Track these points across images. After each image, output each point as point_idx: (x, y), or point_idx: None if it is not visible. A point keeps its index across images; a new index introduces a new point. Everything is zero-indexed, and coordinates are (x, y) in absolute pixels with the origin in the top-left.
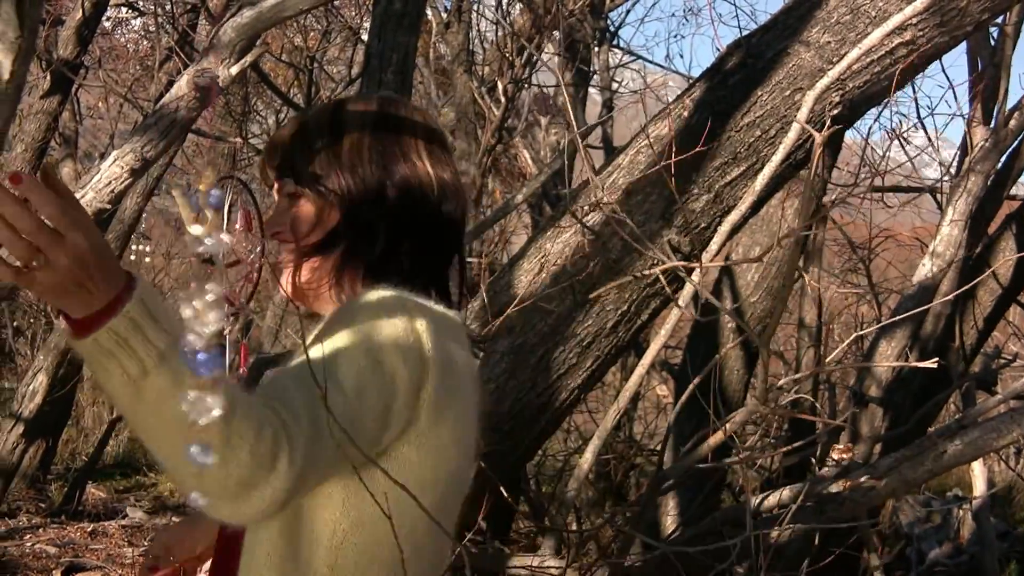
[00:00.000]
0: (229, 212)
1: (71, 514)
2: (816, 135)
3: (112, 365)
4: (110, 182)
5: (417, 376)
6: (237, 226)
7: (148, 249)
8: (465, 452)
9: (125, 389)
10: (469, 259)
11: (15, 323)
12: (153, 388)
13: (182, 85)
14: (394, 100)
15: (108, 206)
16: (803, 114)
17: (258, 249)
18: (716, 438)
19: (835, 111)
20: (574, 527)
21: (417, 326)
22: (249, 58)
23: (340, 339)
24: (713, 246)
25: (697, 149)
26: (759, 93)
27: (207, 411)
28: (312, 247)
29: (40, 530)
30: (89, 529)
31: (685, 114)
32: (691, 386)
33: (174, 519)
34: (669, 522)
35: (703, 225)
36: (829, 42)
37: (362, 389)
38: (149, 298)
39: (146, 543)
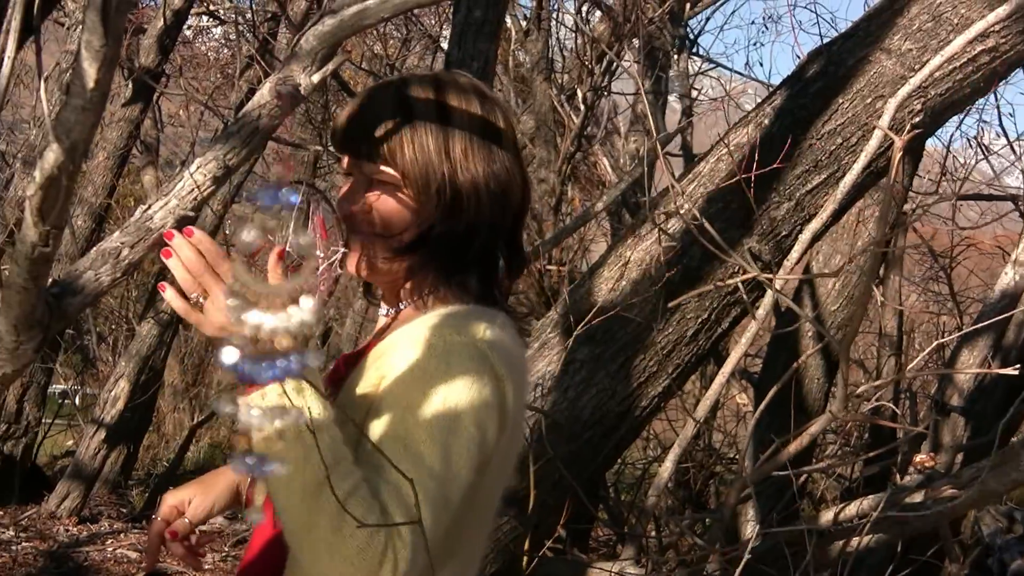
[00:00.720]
0: (305, 218)
1: (152, 519)
2: (897, 140)
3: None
4: (193, 189)
5: (501, 432)
6: (314, 232)
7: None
8: (509, 468)
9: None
10: (548, 267)
11: (97, 329)
12: (299, 446)
13: (264, 93)
14: (488, 94)
15: (191, 213)
16: (885, 121)
17: (337, 256)
18: (796, 446)
19: (916, 119)
20: (653, 535)
21: (504, 386)
22: (331, 66)
23: (443, 391)
24: (794, 254)
25: (778, 159)
26: (840, 101)
27: (272, 420)
28: (405, 246)
29: (121, 535)
30: None
31: (766, 122)
32: (770, 394)
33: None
34: (748, 530)
35: (784, 233)
36: (911, 49)
37: (471, 461)
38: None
39: (221, 542)
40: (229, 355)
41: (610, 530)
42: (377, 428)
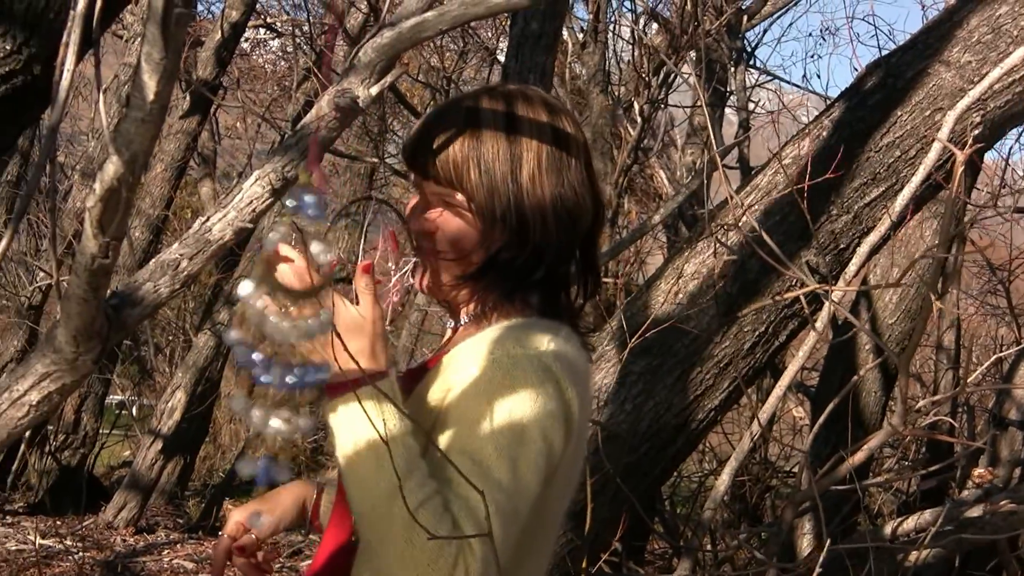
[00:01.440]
0: (366, 232)
1: (208, 530)
2: (958, 153)
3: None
4: (251, 201)
5: (566, 443)
6: (379, 246)
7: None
8: (575, 479)
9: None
10: (605, 279)
11: (155, 341)
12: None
13: (322, 105)
14: (559, 109)
15: (250, 225)
16: (944, 134)
17: (407, 269)
18: (854, 460)
19: (976, 131)
20: (709, 548)
21: (568, 397)
22: (389, 78)
23: (508, 403)
24: (852, 267)
25: (836, 171)
26: (899, 113)
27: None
28: (471, 272)
29: (178, 545)
30: None
31: (824, 134)
32: (828, 409)
33: (311, 535)
34: (805, 544)
35: (842, 246)
36: (970, 62)
37: (538, 472)
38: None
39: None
40: (254, 360)
41: (666, 543)
42: (443, 442)
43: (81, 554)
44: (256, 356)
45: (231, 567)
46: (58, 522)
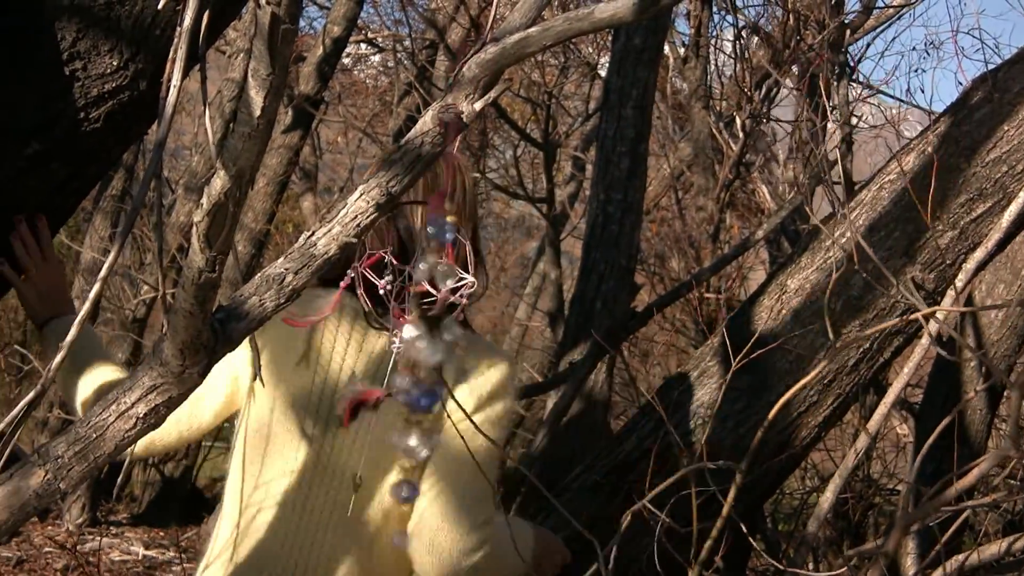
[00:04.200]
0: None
1: None
2: None
3: None
4: (356, 216)
5: None
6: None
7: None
8: None
9: None
10: (707, 295)
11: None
12: None
13: (427, 120)
14: None
15: (354, 240)
16: None
17: (465, 284)
18: (964, 483)
19: None
20: (811, 566)
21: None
22: (493, 94)
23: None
24: (958, 284)
25: (942, 187)
26: (1005, 128)
27: (420, 451)
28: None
29: None
30: None
31: (929, 149)
32: (937, 431)
33: None
34: (908, 563)
35: (948, 262)
36: None
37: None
38: None
39: None
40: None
41: (767, 561)
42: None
43: (184, 565)
44: (418, 387)
45: None
46: (161, 533)
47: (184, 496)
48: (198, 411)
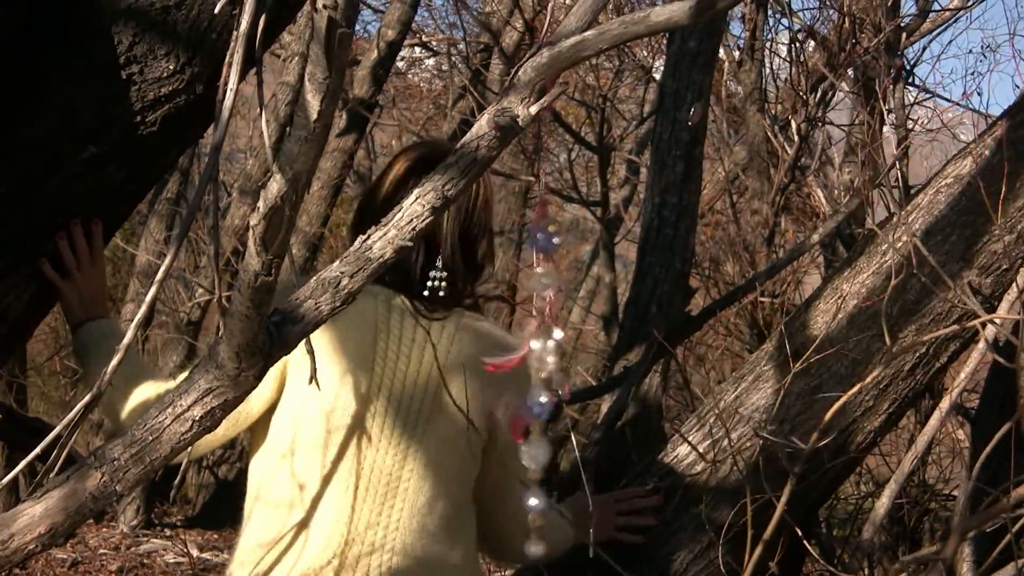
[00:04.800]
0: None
1: None
2: None
3: None
4: (412, 220)
5: None
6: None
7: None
8: None
9: None
10: (762, 299)
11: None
12: None
13: (482, 124)
14: None
15: (409, 243)
16: None
17: (558, 288)
18: (1021, 492)
19: None
20: (866, 571)
21: None
22: (548, 98)
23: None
24: (1016, 288)
25: (1000, 191)
26: None
27: (542, 458)
28: None
29: None
30: None
31: (986, 153)
32: (996, 437)
33: None
34: (964, 569)
35: (1004, 267)
36: None
37: None
38: None
39: None
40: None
41: (823, 566)
42: None
43: None
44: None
45: None
46: (215, 535)
47: (238, 498)
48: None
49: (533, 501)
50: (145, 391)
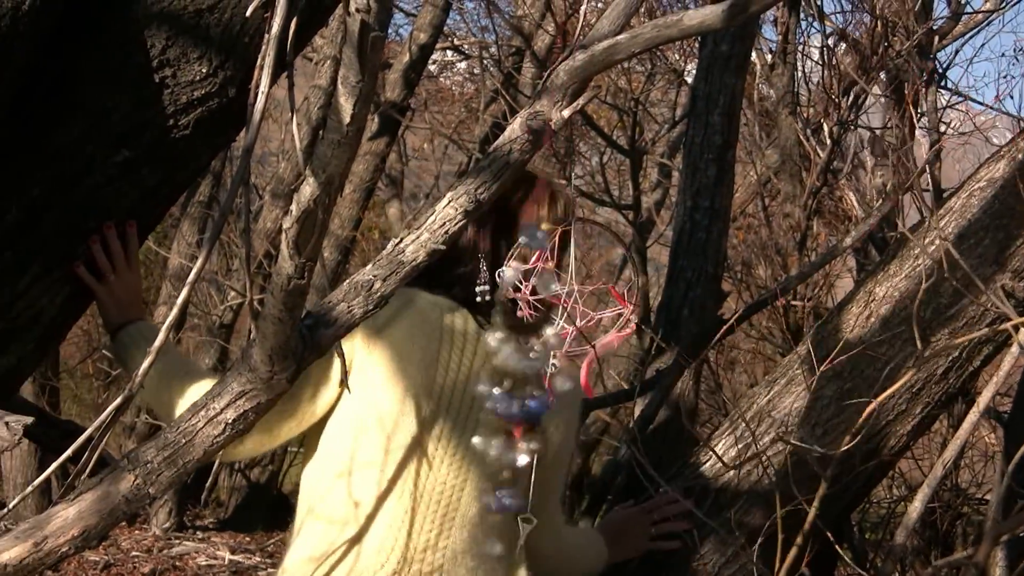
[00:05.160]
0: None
1: None
2: None
3: None
4: (444, 223)
5: None
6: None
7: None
8: None
9: None
10: (794, 303)
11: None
12: None
13: (515, 128)
14: None
15: (442, 247)
16: None
17: (568, 292)
18: None
19: None
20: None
21: None
22: (581, 101)
23: None
24: None
25: None
26: None
27: (517, 457)
28: None
29: None
30: None
31: (1020, 156)
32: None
33: None
34: (997, 573)
35: None
36: None
37: None
38: None
39: None
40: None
41: (855, 571)
42: None
43: (270, 570)
44: (497, 391)
45: None
46: (247, 538)
47: (270, 501)
48: (312, 403)
49: (500, 501)
50: (199, 388)
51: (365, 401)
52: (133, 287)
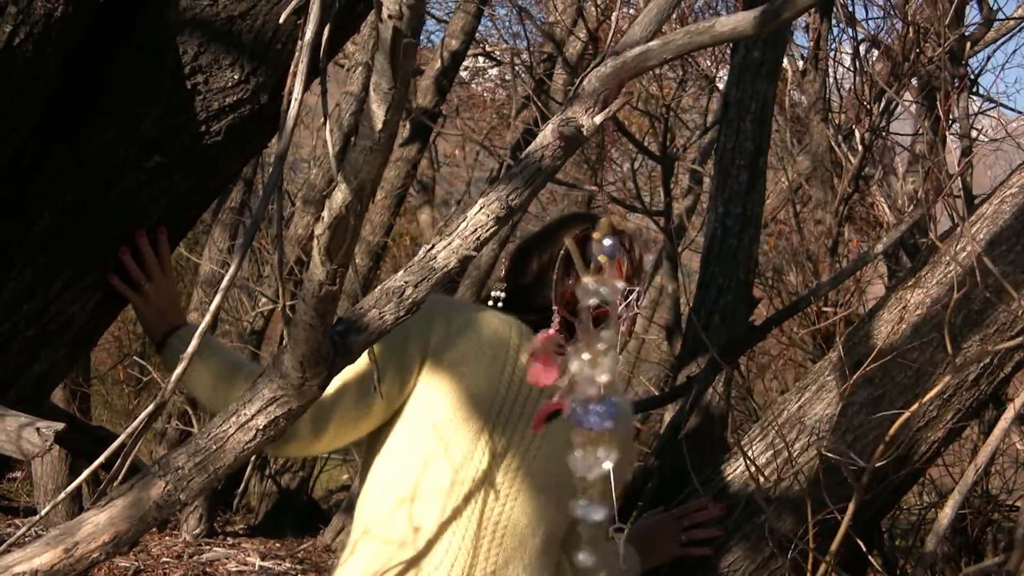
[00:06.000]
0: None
1: None
2: None
3: None
4: (476, 229)
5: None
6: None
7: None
8: None
9: None
10: (825, 309)
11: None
12: None
13: (547, 134)
14: None
15: (473, 253)
16: None
17: (632, 297)
18: None
19: None
20: None
21: None
22: (614, 107)
23: None
24: None
25: None
26: None
27: (597, 464)
28: None
29: None
30: None
31: None
32: None
33: None
34: None
35: None
36: None
37: None
38: None
39: None
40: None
41: None
42: None
43: None
44: (578, 402)
45: None
46: (277, 544)
47: (300, 507)
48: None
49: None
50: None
51: (432, 427)
52: (169, 293)
